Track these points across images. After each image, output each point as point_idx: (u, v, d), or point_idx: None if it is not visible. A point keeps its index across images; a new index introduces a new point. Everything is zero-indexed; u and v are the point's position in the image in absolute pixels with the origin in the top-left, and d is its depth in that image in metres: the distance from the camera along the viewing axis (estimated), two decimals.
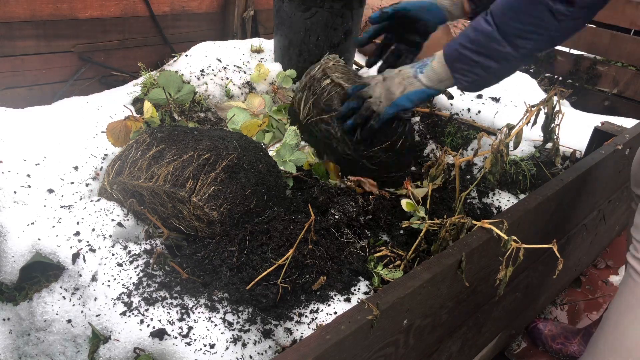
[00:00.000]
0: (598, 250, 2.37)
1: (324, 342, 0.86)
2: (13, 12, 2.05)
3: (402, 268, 1.30)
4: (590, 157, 1.65)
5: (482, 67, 1.32)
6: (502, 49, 1.27)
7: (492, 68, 1.32)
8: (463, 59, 1.34)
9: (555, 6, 1.17)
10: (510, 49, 1.27)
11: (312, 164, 1.63)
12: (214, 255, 1.25)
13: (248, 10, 2.76)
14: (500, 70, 1.33)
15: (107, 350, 1.07)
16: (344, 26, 2.04)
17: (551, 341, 1.92)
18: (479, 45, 1.30)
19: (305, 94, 1.67)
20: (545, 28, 1.21)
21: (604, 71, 3.14)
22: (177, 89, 1.78)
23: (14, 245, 1.23)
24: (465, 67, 1.34)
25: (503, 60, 1.30)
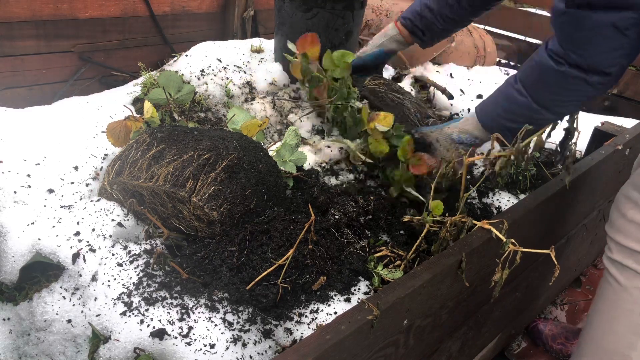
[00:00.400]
0: (598, 250, 2.37)
1: (324, 342, 0.86)
2: (13, 12, 2.05)
3: (402, 268, 1.30)
4: (590, 157, 1.65)
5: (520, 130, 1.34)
6: (541, 117, 1.31)
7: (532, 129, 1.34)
8: (501, 127, 1.38)
9: (591, 79, 1.18)
10: (550, 115, 1.31)
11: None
12: (214, 255, 1.25)
13: (248, 10, 2.76)
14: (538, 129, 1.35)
15: (107, 350, 1.07)
16: (345, 27, 2.04)
17: (551, 341, 1.92)
18: (516, 114, 1.34)
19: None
20: (584, 96, 1.24)
21: None
22: (177, 89, 1.78)
23: (14, 245, 1.23)
24: (504, 133, 1.37)
25: (543, 122, 1.33)
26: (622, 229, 1.38)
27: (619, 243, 1.39)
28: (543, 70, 1.25)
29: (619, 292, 1.38)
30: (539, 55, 1.27)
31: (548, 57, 1.23)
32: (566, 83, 1.22)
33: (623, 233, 1.37)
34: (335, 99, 1.75)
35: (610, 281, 1.41)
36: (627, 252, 1.37)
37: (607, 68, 1.17)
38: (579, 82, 1.20)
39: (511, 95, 1.33)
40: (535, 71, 1.27)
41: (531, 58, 1.31)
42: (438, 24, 1.66)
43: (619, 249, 1.39)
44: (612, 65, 1.17)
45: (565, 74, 1.20)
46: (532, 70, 1.28)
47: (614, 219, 1.41)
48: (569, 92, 1.24)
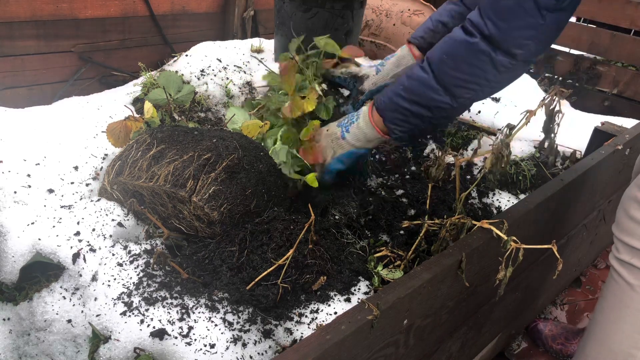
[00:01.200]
0: (598, 250, 2.37)
1: (324, 342, 0.86)
2: (13, 12, 2.05)
3: (402, 268, 1.30)
4: (590, 157, 1.65)
5: (416, 115, 1.28)
6: (439, 97, 1.24)
7: (425, 117, 1.28)
8: (397, 108, 1.30)
9: (497, 57, 1.16)
10: (448, 98, 1.24)
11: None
12: (214, 255, 1.25)
13: (248, 10, 2.76)
14: (434, 119, 1.29)
15: (107, 350, 1.07)
16: (345, 27, 2.04)
17: (551, 341, 1.92)
18: (413, 93, 1.26)
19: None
20: (485, 78, 1.20)
21: (604, 71, 3.14)
22: (177, 89, 1.78)
23: (14, 245, 1.23)
24: (399, 117, 1.31)
25: (438, 109, 1.26)
26: (629, 229, 1.38)
27: (626, 243, 1.39)
28: (452, 43, 1.21)
29: (627, 291, 1.38)
30: (453, 31, 1.23)
31: (461, 29, 1.20)
32: (471, 57, 1.18)
33: (630, 234, 1.38)
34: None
35: (618, 280, 1.41)
36: (634, 252, 1.37)
37: (516, 48, 1.15)
38: (484, 59, 1.17)
39: (415, 71, 1.27)
40: (445, 46, 1.23)
41: (445, 36, 1.26)
42: None
43: (626, 249, 1.39)
44: (520, 46, 1.15)
45: (473, 46, 1.17)
46: (442, 45, 1.24)
47: (621, 220, 1.41)
48: (471, 70, 1.19)
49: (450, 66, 1.21)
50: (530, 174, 1.84)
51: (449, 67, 1.21)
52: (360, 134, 1.39)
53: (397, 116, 1.31)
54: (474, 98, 1.26)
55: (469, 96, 1.24)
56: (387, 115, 1.33)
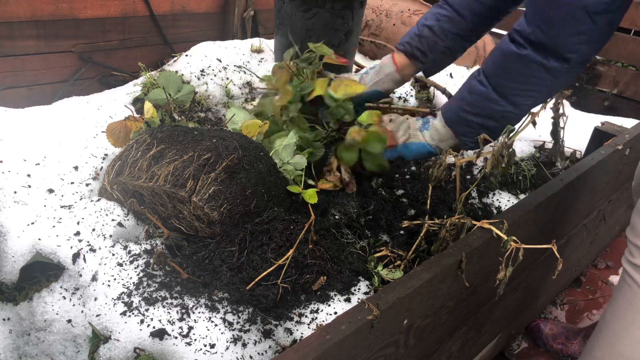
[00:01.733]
0: (598, 250, 2.37)
1: (324, 342, 0.86)
2: (13, 12, 2.05)
3: (402, 268, 1.30)
4: (590, 157, 1.65)
5: (484, 127, 1.32)
6: (501, 108, 1.27)
7: (493, 127, 1.32)
8: (464, 122, 1.34)
9: (550, 64, 1.16)
10: (511, 107, 1.27)
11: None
12: (214, 256, 1.25)
13: (248, 10, 2.76)
14: (502, 127, 1.32)
15: (107, 350, 1.07)
16: (345, 27, 2.04)
17: (552, 341, 1.92)
18: (477, 106, 1.30)
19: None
20: (543, 85, 1.21)
21: (604, 71, 3.14)
22: (177, 89, 1.78)
23: (14, 245, 1.23)
24: (468, 130, 1.35)
25: (503, 118, 1.29)
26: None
27: (638, 246, 1.38)
28: (504, 56, 1.23)
29: (639, 293, 1.37)
30: (502, 42, 1.25)
31: (510, 41, 1.21)
32: (525, 68, 1.20)
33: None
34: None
35: (630, 284, 1.39)
36: None
37: (568, 53, 1.15)
38: (538, 69, 1.18)
39: (473, 86, 1.30)
40: (497, 59, 1.25)
41: (495, 47, 1.29)
42: (440, 41, 1.55)
43: (639, 252, 1.38)
44: (573, 51, 1.15)
45: (525, 58, 1.18)
46: (494, 58, 1.26)
47: (635, 224, 1.41)
48: (527, 79, 1.21)
49: (505, 78, 1.24)
50: (530, 174, 1.84)
51: (504, 80, 1.24)
52: (436, 135, 1.43)
53: (465, 129, 1.35)
54: (536, 102, 1.28)
55: (529, 102, 1.26)
56: (457, 129, 1.37)
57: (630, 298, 1.40)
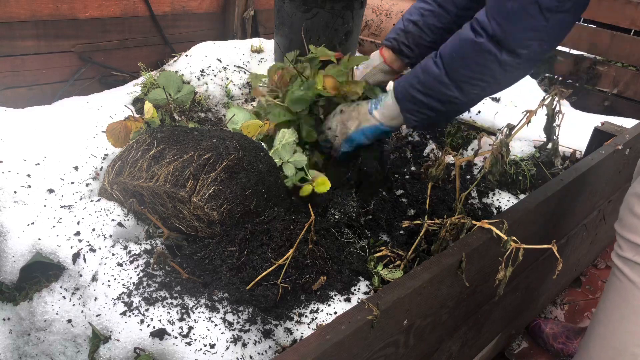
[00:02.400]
0: (598, 250, 2.37)
1: (324, 342, 0.86)
2: (13, 12, 2.05)
3: (402, 268, 1.30)
4: (590, 157, 1.65)
5: (430, 108, 1.34)
6: (450, 93, 1.30)
7: (439, 110, 1.34)
8: (412, 99, 1.36)
9: (502, 57, 1.19)
10: (458, 94, 1.29)
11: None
12: (214, 255, 1.25)
13: (248, 10, 2.76)
14: (447, 113, 1.36)
15: (107, 350, 1.07)
16: (345, 27, 2.04)
17: (552, 340, 1.92)
18: (427, 87, 1.32)
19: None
20: (492, 76, 1.24)
21: (604, 71, 3.14)
22: (177, 89, 1.78)
23: (14, 245, 1.23)
24: (414, 107, 1.36)
25: (450, 103, 1.32)
26: (632, 226, 1.38)
27: (629, 240, 1.39)
28: (462, 42, 1.25)
29: (630, 289, 1.38)
30: (463, 28, 1.28)
31: (470, 29, 1.24)
32: (478, 57, 1.22)
33: (633, 231, 1.38)
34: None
35: (621, 278, 1.40)
36: (637, 249, 1.37)
37: (520, 48, 1.18)
38: (490, 59, 1.21)
39: (429, 66, 1.32)
40: (455, 44, 1.28)
41: (456, 32, 1.31)
42: (426, 36, 1.58)
43: (629, 247, 1.39)
44: (524, 47, 1.18)
45: (480, 46, 1.21)
46: (453, 43, 1.29)
47: (624, 217, 1.42)
48: (479, 69, 1.24)
49: (459, 64, 1.26)
50: (530, 174, 1.84)
51: (458, 65, 1.26)
52: (387, 112, 1.44)
53: (411, 107, 1.37)
54: (483, 94, 1.30)
55: (477, 92, 1.29)
56: (403, 104, 1.39)
57: (620, 292, 1.40)
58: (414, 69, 1.39)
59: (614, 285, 1.43)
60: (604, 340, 1.45)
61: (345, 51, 2.14)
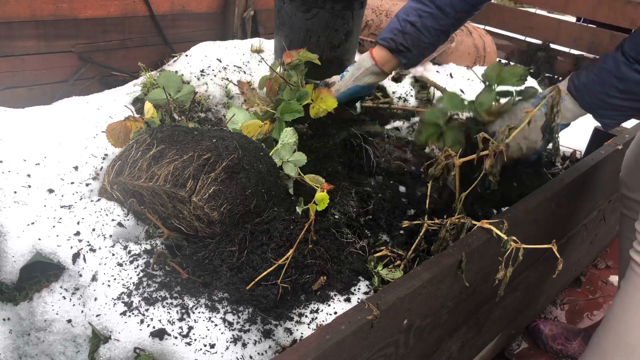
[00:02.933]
0: (598, 250, 2.37)
1: (324, 342, 0.86)
2: (13, 12, 2.05)
3: (402, 268, 1.30)
4: (590, 157, 1.65)
5: (633, 109, 1.34)
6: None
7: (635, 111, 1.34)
8: (611, 106, 1.34)
9: None
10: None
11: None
12: (214, 255, 1.25)
13: (248, 11, 2.76)
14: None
15: (107, 350, 1.07)
16: (345, 27, 2.04)
17: (552, 341, 1.92)
18: (631, 93, 1.30)
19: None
20: None
21: None
22: (177, 89, 1.78)
23: (14, 245, 1.23)
24: (614, 113, 1.35)
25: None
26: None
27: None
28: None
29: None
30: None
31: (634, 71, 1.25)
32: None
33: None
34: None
35: (638, 272, 1.40)
36: None
37: None
38: None
39: (626, 73, 1.29)
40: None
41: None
42: (424, 37, 1.57)
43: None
44: None
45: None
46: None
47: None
48: None
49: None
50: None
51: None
52: (570, 115, 1.42)
53: (611, 113, 1.35)
54: None
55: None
56: (600, 112, 1.37)
57: (638, 286, 1.39)
58: (598, 77, 1.36)
59: (631, 280, 1.42)
60: (618, 335, 1.43)
61: (345, 51, 2.14)
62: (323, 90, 1.68)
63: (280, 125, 1.61)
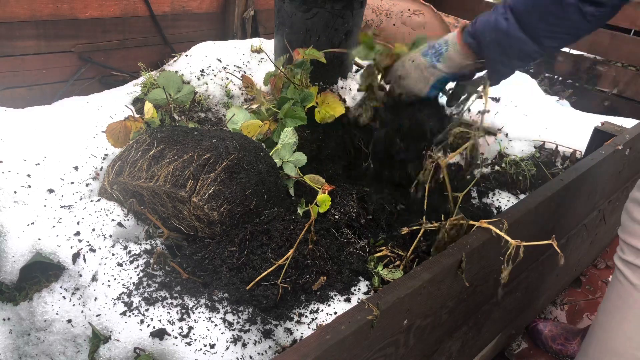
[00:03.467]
0: (598, 250, 2.37)
1: (324, 342, 0.86)
2: (13, 12, 2.05)
3: (402, 268, 1.30)
4: (590, 157, 1.65)
5: (506, 65, 1.33)
6: (527, 48, 1.26)
7: (517, 65, 1.33)
8: (487, 60, 1.34)
9: (585, 8, 1.15)
10: (536, 47, 1.26)
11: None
12: (214, 256, 1.25)
13: (248, 10, 2.76)
14: (523, 65, 1.33)
15: (107, 350, 1.07)
16: (345, 27, 2.03)
17: (551, 341, 1.92)
18: (503, 46, 1.29)
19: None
20: (575, 28, 1.20)
21: (604, 71, 3.14)
22: (177, 89, 1.78)
23: (14, 245, 1.23)
24: (491, 67, 1.35)
25: (528, 57, 1.30)
26: (633, 231, 1.39)
27: (630, 245, 1.40)
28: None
29: (631, 292, 1.38)
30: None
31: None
32: (559, 10, 1.18)
33: (634, 235, 1.39)
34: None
35: (622, 281, 1.41)
36: (638, 253, 1.38)
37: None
38: (572, 11, 1.17)
39: (499, 24, 1.28)
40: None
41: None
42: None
43: (631, 251, 1.40)
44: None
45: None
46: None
47: (625, 222, 1.43)
48: (559, 22, 1.20)
49: (538, 19, 1.22)
50: (530, 174, 1.84)
51: (537, 20, 1.22)
52: (453, 64, 1.42)
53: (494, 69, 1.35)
54: (561, 45, 1.28)
55: (556, 45, 1.26)
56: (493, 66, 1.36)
57: (622, 294, 1.40)
58: (481, 27, 1.33)
59: (615, 288, 1.44)
60: (604, 343, 1.45)
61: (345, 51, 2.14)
62: (329, 95, 1.67)
63: (282, 128, 1.61)
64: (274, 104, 1.70)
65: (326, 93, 1.67)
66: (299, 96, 1.65)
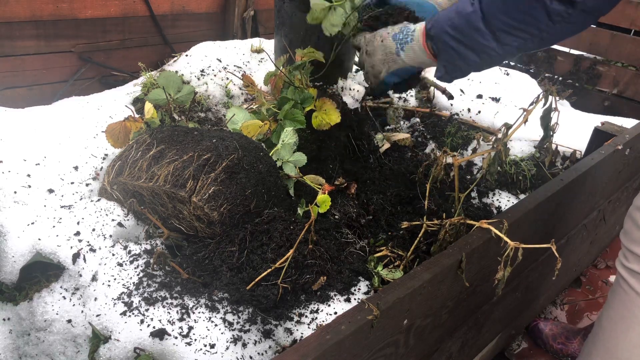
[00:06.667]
0: (598, 250, 2.37)
1: (324, 342, 0.86)
2: (13, 12, 2.05)
3: (402, 268, 1.30)
4: (590, 157, 1.65)
5: (462, 57, 1.23)
6: (484, 42, 1.17)
7: (471, 60, 1.23)
8: (444, 46, 1.25)
9: (552, 5, 1.06)
10: (494, 44, 1.17)
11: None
12: (214, 256, 1.25)
13: (248, 10, 2.76)
14: (479, 64, 1.24)
15: (107, 350, 1.07)
16: None
17: (552, 341, 1.92)
18: (461, 33, 1.20)
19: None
20: (537, 27, 1.11)
21: (604, 71, 3.14)
22: (177, 89, 1.78)
23: (14, 245, 1.23)
24: (445, 56, 1.26)
25: (484, 53, 1.20)
26: (638, 239, 1.37)
27: (635, 253, 1.38)
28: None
29: (635, 301, 1.36)
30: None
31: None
32: (523, 3, 1.09)
33: (637, 242, 1.37)
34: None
35: (626, 289, 1.39)
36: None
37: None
38: (536, 6, 1.08)
39: (463, 8, 1.19)
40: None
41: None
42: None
43: (636, 259, 1.38)
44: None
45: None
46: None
47: (629, 230, 1.41)
48: (523, 17, 1.10)
49: (500, 9, 1.13)
50: (530, 174, 1.84)
51: (498, 10, 1.13)
52: (414, 57, 1.36)
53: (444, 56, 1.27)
54: (522, 47, 1.18)
55: (515, 44, 1.16)
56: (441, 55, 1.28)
57: (626, 303, 1.39)
58: (448, 11, 1.25)
59: (619, 295, 1.42)
60: (607, 351, 1.44)
61: (344, 51, 2.14)
62: (327, 101, 1.66)
63: (282, 129, 1.61)
64: (274, 104, 1.69)
65: (324, 99, 1.66)
66: (299, 97, 1.65)
